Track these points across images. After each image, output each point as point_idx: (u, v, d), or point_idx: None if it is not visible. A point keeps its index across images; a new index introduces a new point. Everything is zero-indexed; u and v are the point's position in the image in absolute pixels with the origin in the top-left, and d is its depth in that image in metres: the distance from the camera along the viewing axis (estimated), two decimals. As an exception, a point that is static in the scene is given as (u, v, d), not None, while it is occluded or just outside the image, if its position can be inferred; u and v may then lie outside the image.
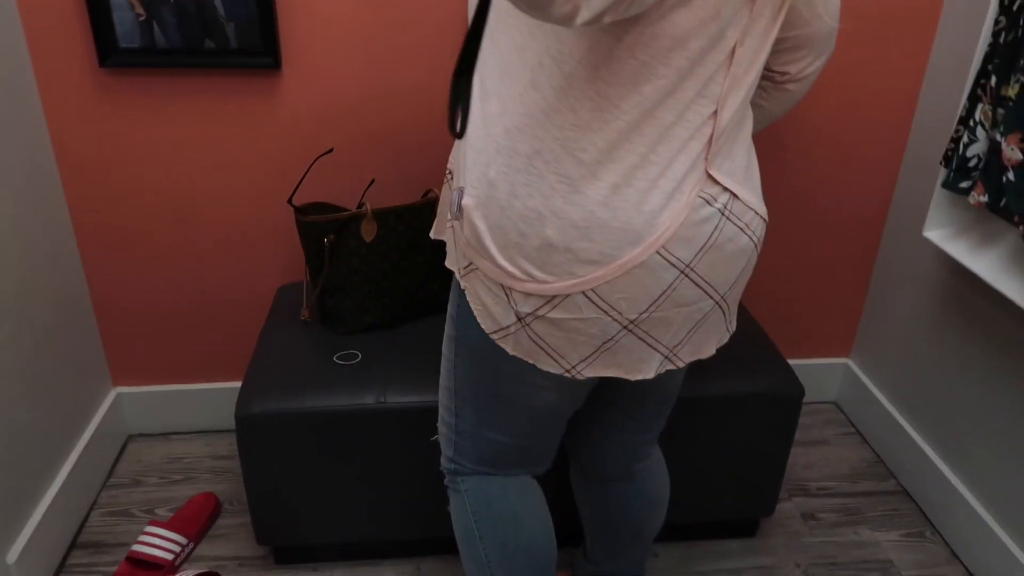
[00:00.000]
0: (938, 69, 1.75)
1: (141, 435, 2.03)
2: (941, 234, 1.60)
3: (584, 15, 0.66)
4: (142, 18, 1.55)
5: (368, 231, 1.53)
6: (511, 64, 0.89)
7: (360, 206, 1.53)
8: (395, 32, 1.62)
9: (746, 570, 1.67)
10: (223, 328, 1.92)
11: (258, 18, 1.56)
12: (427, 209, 1.58)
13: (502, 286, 0.94)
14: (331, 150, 1.54)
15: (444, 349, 1.14)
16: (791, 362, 2.14)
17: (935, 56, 1.75)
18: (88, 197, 1.73)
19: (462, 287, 1.01)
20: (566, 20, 0.67)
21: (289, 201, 1.50)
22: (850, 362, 2.15)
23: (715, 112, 0.87)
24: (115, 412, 1.95)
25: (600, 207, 0.87)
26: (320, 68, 1.64)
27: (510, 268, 0.92)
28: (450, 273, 1.52)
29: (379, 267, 1.56)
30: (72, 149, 1.68)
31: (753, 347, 1.62)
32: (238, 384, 2.00)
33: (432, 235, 1.17)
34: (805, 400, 2.19)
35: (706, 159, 0.89)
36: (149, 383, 1.97)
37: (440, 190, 1.59)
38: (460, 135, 0.64)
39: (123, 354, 1.93)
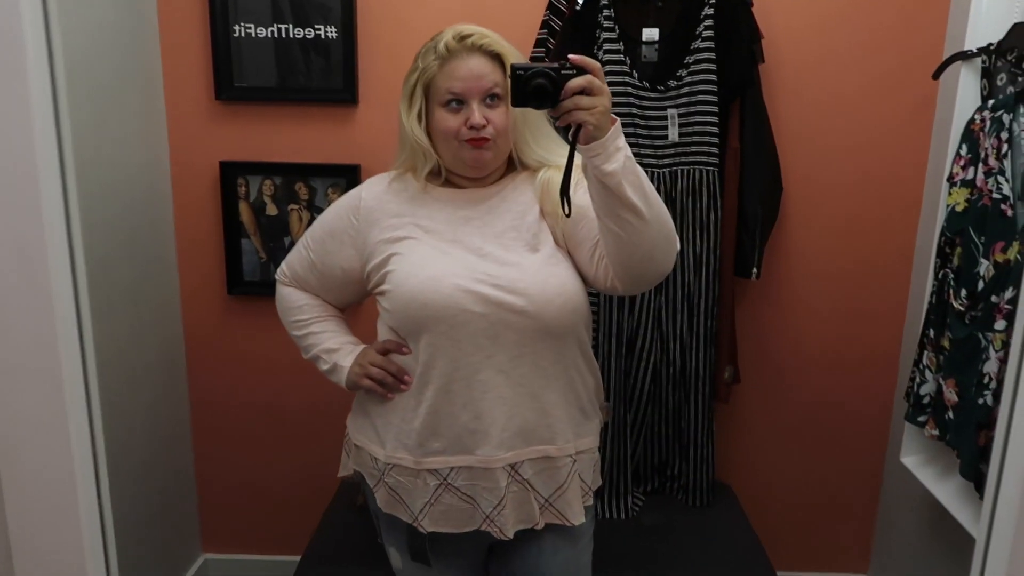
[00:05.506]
0: (911, 320, 2.02)
1: (220, 597, 2.34)
2: (915, 460, 1.80)
3: None
4: (263, 260, 2.05)
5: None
6: None
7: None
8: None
9: None
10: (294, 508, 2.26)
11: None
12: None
13: None
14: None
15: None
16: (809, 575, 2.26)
17: (910, 308, 2.04)
18: (208, 387, 2.19)
19: None
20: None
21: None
22: (869, 579, 2.25)
23: None
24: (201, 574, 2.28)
25: None
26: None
27: None
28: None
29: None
30: (199, 349, 2.16)
31: (749, 559, 1.81)
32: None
33: None
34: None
35: None
36: (232, 552, 2.31)
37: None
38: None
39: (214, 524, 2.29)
